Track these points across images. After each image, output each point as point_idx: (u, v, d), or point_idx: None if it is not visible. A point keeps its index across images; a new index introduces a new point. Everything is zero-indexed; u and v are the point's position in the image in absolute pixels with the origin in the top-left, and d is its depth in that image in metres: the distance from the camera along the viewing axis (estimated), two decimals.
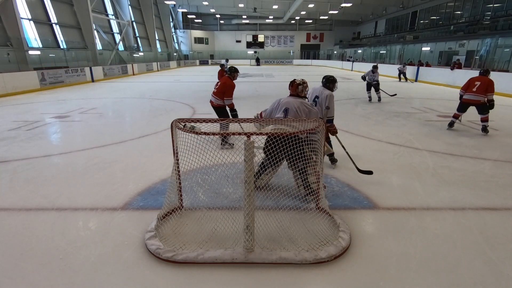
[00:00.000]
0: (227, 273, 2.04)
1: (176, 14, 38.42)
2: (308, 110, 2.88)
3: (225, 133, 2.25)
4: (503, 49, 15.22)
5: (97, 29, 20.06)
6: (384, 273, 2.04)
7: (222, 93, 4.65)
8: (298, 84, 2.95)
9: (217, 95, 4.68)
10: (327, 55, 40.15)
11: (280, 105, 2.94)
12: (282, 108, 2.91)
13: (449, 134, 5.57)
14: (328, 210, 2.64)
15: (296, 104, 2.87)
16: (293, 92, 2.99)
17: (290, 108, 2.85)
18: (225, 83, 4.69)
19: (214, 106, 4.81)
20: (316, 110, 2.97)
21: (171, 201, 2.64)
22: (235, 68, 4.99)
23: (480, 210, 2.87)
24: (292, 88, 2.99)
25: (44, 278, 1.99)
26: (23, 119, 6.93)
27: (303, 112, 2.85)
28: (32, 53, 13.77)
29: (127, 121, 7.09)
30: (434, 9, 24.84)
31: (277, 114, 2.93)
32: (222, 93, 4.65)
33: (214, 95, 4.72)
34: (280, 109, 2.93)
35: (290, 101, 2.91)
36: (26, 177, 3.64)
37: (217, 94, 4.68)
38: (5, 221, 2.68)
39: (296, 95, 2.98)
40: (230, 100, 4.70)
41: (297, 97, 2.97)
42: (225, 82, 4.70)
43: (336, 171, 3.76)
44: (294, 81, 3.00)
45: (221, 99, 4.67)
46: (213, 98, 4.75)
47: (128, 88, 13.59)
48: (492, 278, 1.99)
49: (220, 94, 4.66)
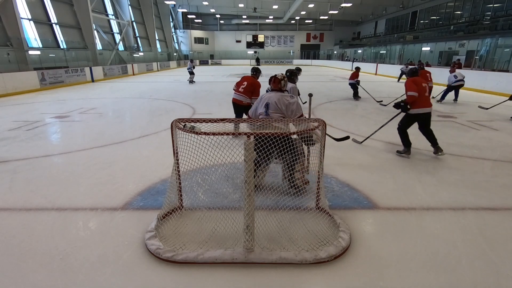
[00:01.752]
0: (227, 273, 2.04)
1: (176, 14, 38.44)
2: (287, 102, 3.05)
3: (225, 133, 2.25)
4: (503, 49, 15.21)
5: (97, 29, 20.06)
6: (384, 273, 2.04)
7: (250, 92, 5.07)
8: (280, 80, 3.20)
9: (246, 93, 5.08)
10: (327, 55, 40.16)
11: (262, 100, 3.14)
12: (264, 103, 3.10)
13: (449, 134, 5.57)
14: (328, 210, 2.65)
15: (276, 98, 3.06)
16: (275, 87, 3.20)
17: (270, 103, 3.06)
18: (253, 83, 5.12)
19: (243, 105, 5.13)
20: (295, 99, 3.12)
21: (171, 201, 2.64)
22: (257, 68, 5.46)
23: (480, 210, 2.87)
24: (274, 83, 3.21)
25: (44, 278, 1.99)
26: (23, 119, 6.94)
27: (283, 105, 3.03)
28: (32, 53, 13.77)
29: (127, 121, 7.09)
30: (434, 9, 24.84)
31: (260, 110, 3.15)
32: (250, 92, 5.07)
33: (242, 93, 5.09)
34: (262, 105, 3.13)
35: (271, 96, 3.12)
36: (26, 177, 3.64)
37: (245, 93, 5.08)
38: (5, 221, 2.68)
39: (278, 89, 3.19)
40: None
41: (278, 91, 3.17)
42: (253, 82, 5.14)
43: (336, 171, 3.76)
44: (276, 77, 3.20)
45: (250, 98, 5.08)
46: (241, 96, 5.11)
47: (128, 88, 13.59)
48: (492, 278, 1.99)
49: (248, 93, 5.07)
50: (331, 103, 9.30)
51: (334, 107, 8.59)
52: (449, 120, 6.75)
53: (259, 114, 3.17)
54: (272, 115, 3.03)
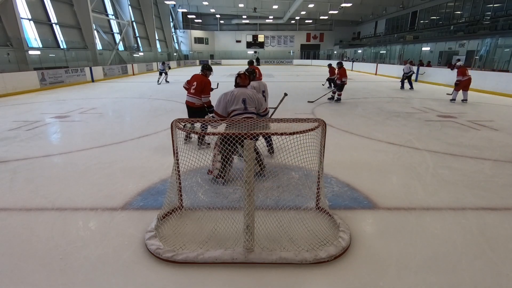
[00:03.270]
0: (227, 273, 2.04)
1: (176, 14, 38.42)
2: (258, 96, 3.38)
3: (225, 133, 2.25)
4: (503, 49, 15.21)
5: (97, 29, 20.06)
6: (384, 273, 2.04)
7: (200, 91, 4.67)
8: (247, 76, 3.43)
9: (197, 94, 4.69)
10: (327, 55, 40.13)
11: (236, 97, 3.24)
12: (240, 99, 3.23)
13: (449, 134, 5.57)
14: (328, 210, 2.65)
15: (249, 92, 3.31)
16: (243, 84, 3.41)
17: (246, 98, 3.25)
18: (202, 81, 4.71)
19: (194, 107, 4.79)
20: (260, 95, 3.40)
21: (171, 201, 2.64)
22: (209, 66, 5.06)
23: (480, 210, 2.87)
24: (242, 80, 3.42)
25: (44, 278, 1.99)
26: (23, 119, 6.93)
27: (255, 99, 3.31)
28: (32, 53, 13.77)
29: (127, 121, 7.09)
30: (434, 9, 24.83)
31: (236, 106, 3.21)
32: (200, 91, 4.67)
33: (194, 95, 4.72)
34: (237, 101, 3.22)
35: (244, 92, 3.30)
36: (26, 177, 3.64)
37: (196, 93, 4.69)
38: (5, 221, 2.68)
39: (246, 85, 3.42)
40: (208, 98, 4.73)
41: (246, 88, 3.41)
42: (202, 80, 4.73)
43: (336, 171, 3.76)
44: (245, 74, 3.42)
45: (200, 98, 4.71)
46: (193, 98, 4.74)
47: (128, 88, 13.59)
48: (492, 278, 1.99)
49: (198, 93, 4.68)
50: (331, 103, 9.31)
51: (334, 107, 8.59)
52: (449, 120, 6.75)
53: (233, 110, 3.24)
54: (249, 109, 3.21)
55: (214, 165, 3.20)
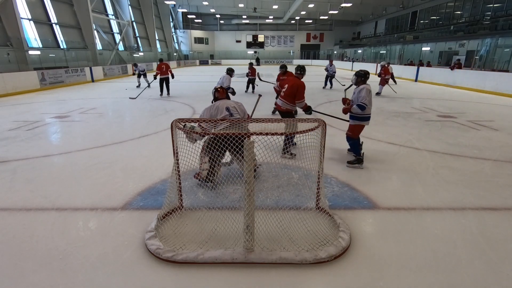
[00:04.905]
0: (227, 273, 2.04)
1: (176, 14, 38.42)
2: (239, 104, 3.51)
3: (224, 133, 2.25)
4: (503, 49, 15.21)
5: (97, 29, 20.05)
6: (384, 273, 2.04)
7: (292, 96, 4.26)
8: (224, 90, 3.64)
9: (285, 98, 4.29)
10: (327, 55, 40.12)
11: (219, 108, 3.33)
12: (223, 108, 3.32)
13: (449, 134, 5.57)
14: (328, 210, 2.65)
15: (231, 102, 3.45)
16: (222, 96, 3.58)
17: (229, 106, 3.35)
18: (294, 84, 4.29)
19: (282, 111, 4.37)
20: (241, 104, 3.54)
21: (171, 201, 2.64)
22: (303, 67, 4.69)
23: (480, 210, 2.87)
24: (219, 93, 3.59)
25: (44, 278, 1.99)
26: (23, 119, 6.93)
27: (238, 107, 3.43)
28: (32, 53, 13.76)
29: (127, 121, 7.09)
30: (434, 9, 24.83)
31: (221, 115, 3.29)
32: (292, 96, 4.26)
33: (283, 98, 4.31)
34: (221, 110, 3.31)
35: (226, 102, 3.44)
36: (26, 177, 3.64)
37: (286, 97, 4.28)
38: (5, 221, 2.68)
39: (224, 98, 3.58)
40: (302, 103, 4.31)
41: (226, 99, 3.57)
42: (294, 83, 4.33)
43: (336, 171, 3.76)
44: (222, 88, 3.64)
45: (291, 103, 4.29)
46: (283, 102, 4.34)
47: (128, 88, 13.58)
48: (492, 278, 1.99)
49: (289, 97, 4.27)
50: (331, 103, 9.30)
51: (334, 107, 8.59)
52: (449, 120, 6.75)
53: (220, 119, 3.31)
54: (235, 115, 3.28)
55: (201, 168, 3.21)
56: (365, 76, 3.87)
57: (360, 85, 3.85)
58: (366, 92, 3.73)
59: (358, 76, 3.86)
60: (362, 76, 3.86)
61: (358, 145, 3.96)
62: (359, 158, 3.91)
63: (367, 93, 3.74)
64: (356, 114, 3.83)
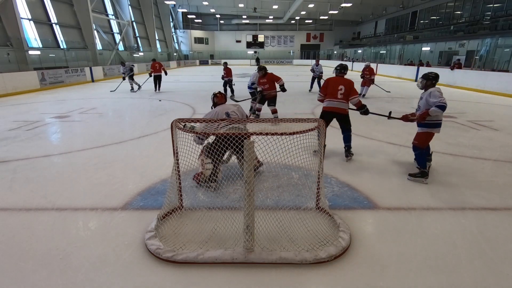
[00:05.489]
0: (227, 273, 2.04)
1: (176, 14, 38.42)
2: (238, 107, 3.56)
3: (224, 133, 2.25)
4: (503, 49, 15.21)
5: (97, 29, 20.05)
6: (384, 273, 2.04)
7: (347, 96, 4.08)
8: (223, 95, 3.74)
9: (344, 99, 4.07)
10: (327, 55, 40.14)
11: (219, 113, 3.42)
12: (223, 113, 3.40)
13: (449, 134, 5.57)
14: (328, 210, 2.65)
15: (231, 108, 3.50)
16: (220, 102, 3.63)
17: (228, 111, 3.42)
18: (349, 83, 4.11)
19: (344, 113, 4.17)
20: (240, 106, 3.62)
21: (171, 201, 2.64)
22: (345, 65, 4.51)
23: (480, 210, 2.87)
24: (218, 99, 3.66)
25: (44, 278, 1.99)
26: (23, 119, 6.93)
27: (237, 111, 3.49)
28: (32, 53, 13.77)
29: (127, 121, 7.09)
30: (434, 9, 24.84)
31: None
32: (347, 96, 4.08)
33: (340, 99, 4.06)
34: (221, 115, 3.38)
35: (225, 106, 3.50)
36: (26, 177, 3.64)
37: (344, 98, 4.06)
38: (5, 221, 2.68)
39: (223, 102, 3.64)
40: (357, 98, 4.15)
41: (225, 104, 3.62)
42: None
43: (336, 171, 3.76)
44: (220, 93, 3.74)
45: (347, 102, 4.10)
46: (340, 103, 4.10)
47: (128, 88, 13.56)
48: (492, 278, 1.99)
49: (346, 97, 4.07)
50: None
51: None
52: (449, 120, 6.75)
53: None
54: None
55: (204, 168, 3.22)
56: (436, 79, 3.51)
57: (429, 88, 3.49)
58: (439, 93, 3.34)
59: (428, 79, 3.49)
60: (433, 79, 3.49)
61: (425, 156, 3.55)
62: (424, 171, 3.48)
63: (441, 93, 3.36)
64: (428, 120, 3.45)
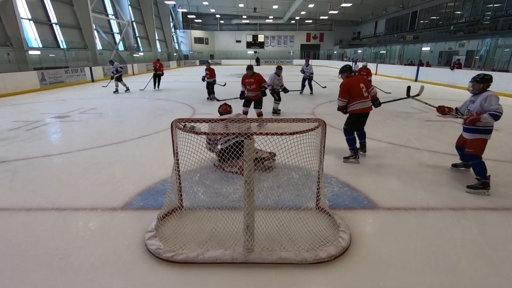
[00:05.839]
0: (227, 273, 2.04)
1: (176, 14, 38.41)
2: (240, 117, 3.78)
3: (224, 133, 2.25)
4: (503, 49, 15.20)
5: (97, 29, 20.05)
6: (384, 273, 2.04)
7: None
8: (228, 105, 4.11)
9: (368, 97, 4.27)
10: (327, 55, 40.11)
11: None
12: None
13: (449, 134, 5.57)
14: (328, 210, 2.65)
15: (233, 117, 3.59)
16: (225, 111, 4.03)
17: None
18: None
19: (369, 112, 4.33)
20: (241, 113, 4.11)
21: (171, 201, 2.64)
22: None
23: (480, 210, 2.87)
24: (223, 109, 4.08)
25: (44, 278, 1.99)
26: (23, 119, 6.93)
27: None
28: (32, 53, 13.77)
29: (127, 121, 7.09)
30: (434, 9, 24.83)
31: None
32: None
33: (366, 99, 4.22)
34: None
35: (230, 116, 3.77)
36: (26, 177, 3.64)
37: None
38: (5, 221, 2.68)
39: (228, 112, 4.01)
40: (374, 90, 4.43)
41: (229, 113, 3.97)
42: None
43: (336, 171, 3.76)
44: (225, 104, 4.13)
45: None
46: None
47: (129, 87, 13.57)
48: (492, 278, 1.99)
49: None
50: (331, 103, 9.30)
51: (334, 107, 8.58)
52: (449, 120, 6.74)
53: None
54: None
55: (240, 168, 3.18)
56: (491, 80, 3.21)
57: (483, 92, 3.20)
58: (496, 99, 3.10)
59: (482, 81, 3.18)
60: (489, 80, 3.18)
61: (484, 165, 3.20)
62: (485, 181, 3.14)
63: (498, 100, 3.12)
64: (480, 126, 3.19)
